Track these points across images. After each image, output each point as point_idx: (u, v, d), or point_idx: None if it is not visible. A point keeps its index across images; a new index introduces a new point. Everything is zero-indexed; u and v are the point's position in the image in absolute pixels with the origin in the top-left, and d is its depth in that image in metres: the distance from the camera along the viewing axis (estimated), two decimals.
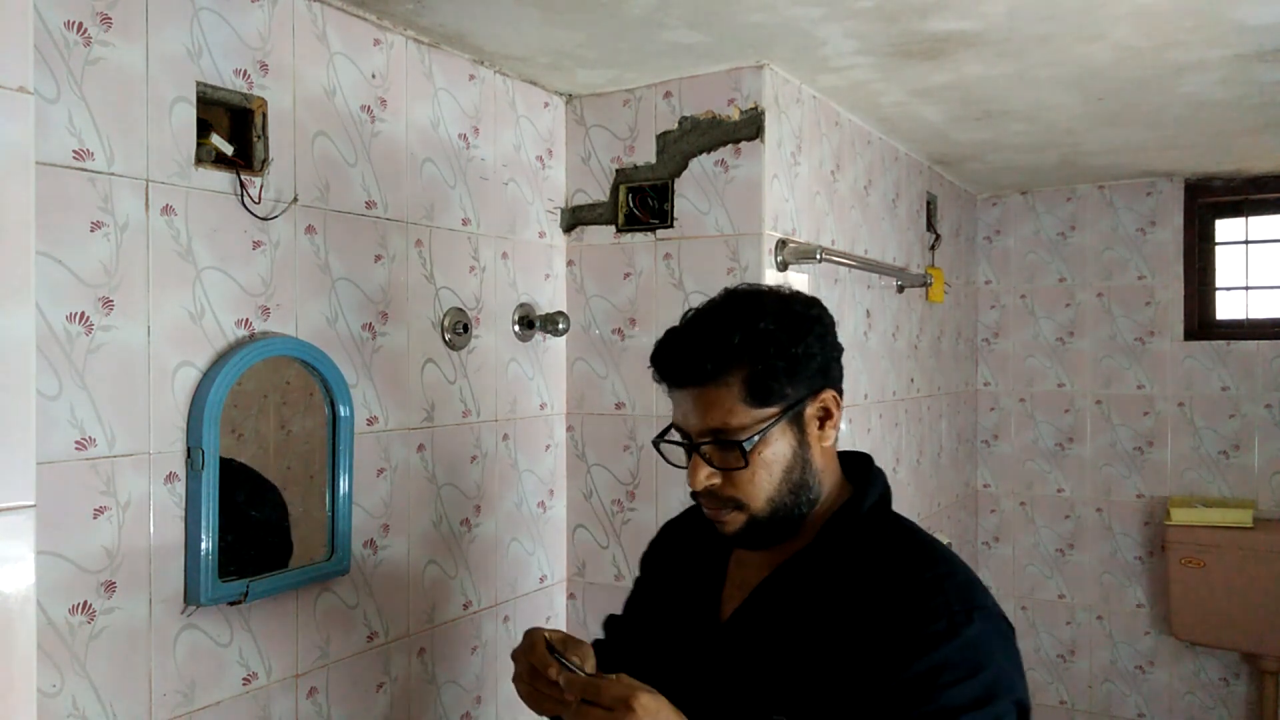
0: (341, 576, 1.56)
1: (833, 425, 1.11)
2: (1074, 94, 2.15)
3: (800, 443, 1.09)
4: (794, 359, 1.07)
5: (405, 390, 1.71)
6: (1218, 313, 3.26)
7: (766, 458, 1.07)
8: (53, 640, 1.18)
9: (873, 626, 1.00)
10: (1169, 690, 3.27)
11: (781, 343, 1.07)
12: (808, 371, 1.08)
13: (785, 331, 1.08)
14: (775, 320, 1.09)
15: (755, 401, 1.06)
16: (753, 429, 1.06)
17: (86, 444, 1.21)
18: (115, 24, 1.25)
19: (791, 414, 1.08)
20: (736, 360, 1.06)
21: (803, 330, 1.09)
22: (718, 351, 1.07)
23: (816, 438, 1.11)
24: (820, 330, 1.11)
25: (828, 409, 1.11)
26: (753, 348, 1.07)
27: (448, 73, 1.81)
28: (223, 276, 1.39)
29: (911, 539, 1.11)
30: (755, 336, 1.07)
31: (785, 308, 1.11)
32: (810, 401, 1.10)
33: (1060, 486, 3.44)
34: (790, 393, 1.08)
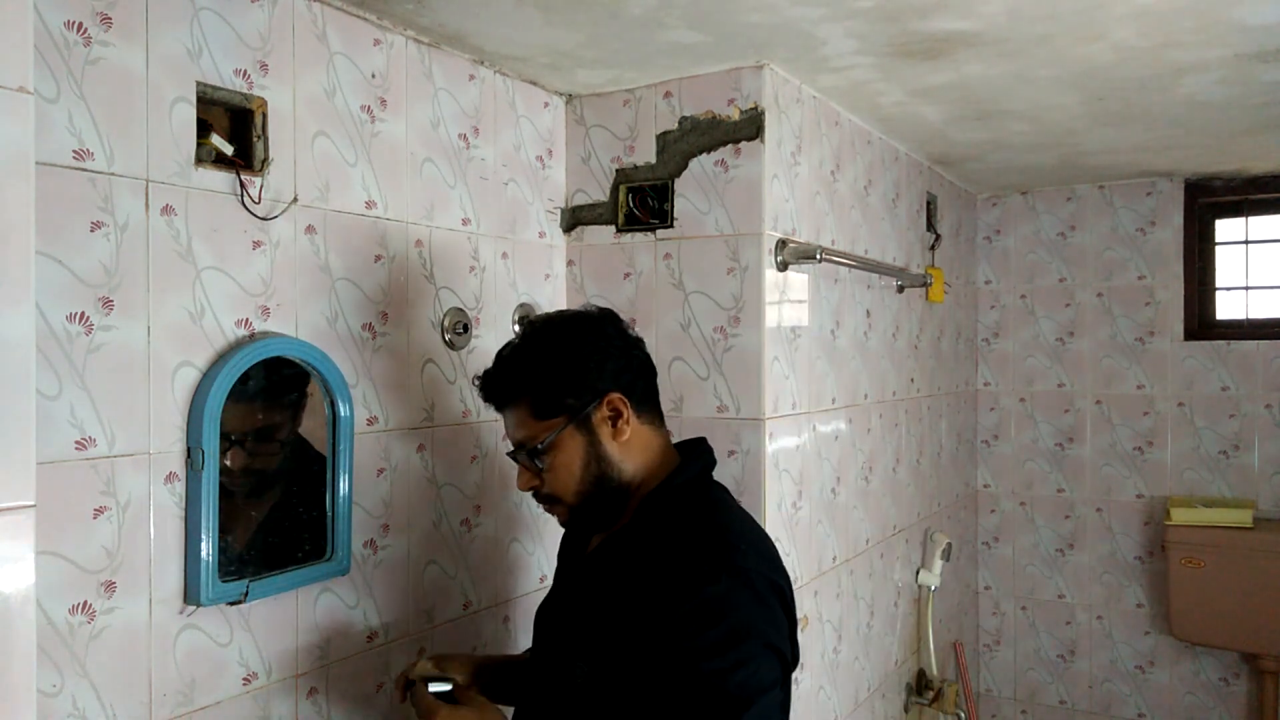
0: (341, 576, 1.56)
1: (625, 422, 1.30)
2: (1074, 94, 2.15)
3: (591, 442, 1.30)
4: (565, 375, 1.29)
5: (405, 390, 1.71)
6: (1218, 313, 3.26)
7: (560, 460, 1.30)
8: (53, 640, 1.18)
9: (648, 589, 1.18)
10: (1169, 690, 3.27)
11: (552, 363, 1.30)
12: (583, 383, 1.29)
13: (556, 351, 1.30)
14: (548, 342, 1.32)
15: (540, 416, 1.29)
16: (541, 438, 1.29)
17: (86, 444, 1.21)
18: (115, 24, 1.25)
19: (576, 421, 1.29)
20: (517, 388, 1.31)
21: (574, 347, 1.31)
22: (503, 383, 1.33)
23: (609, 435, 1.30)
24: (595, 342, 1.31)
25: (616, 409, 1.30)
26: (527, 375, 1.31)
27: (448, 73, 1.81)
28: (223, 276, 1.39)
29: (702, 511, 1.28)
30: (531, 362, 1.31)
31: (559, 329, 1.34)
32: (595, 407, 1.29)
33: (1060, 486, 3.44)
34: (571, 403, 1.29)
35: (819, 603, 2.18)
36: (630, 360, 1.34)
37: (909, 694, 2.79)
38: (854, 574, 2.39)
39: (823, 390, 2.19)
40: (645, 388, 1.36)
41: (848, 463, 2.34)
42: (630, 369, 1.33)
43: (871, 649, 2.52)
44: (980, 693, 3.59)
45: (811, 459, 2.12)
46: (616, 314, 1.40)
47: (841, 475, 2.30)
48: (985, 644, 3.60)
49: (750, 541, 1.25)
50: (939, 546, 2.90)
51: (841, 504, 2.30)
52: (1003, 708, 3.56)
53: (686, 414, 1.98)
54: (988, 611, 3.59)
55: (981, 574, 3.60)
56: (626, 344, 1.35)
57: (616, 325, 1.37)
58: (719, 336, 1.94)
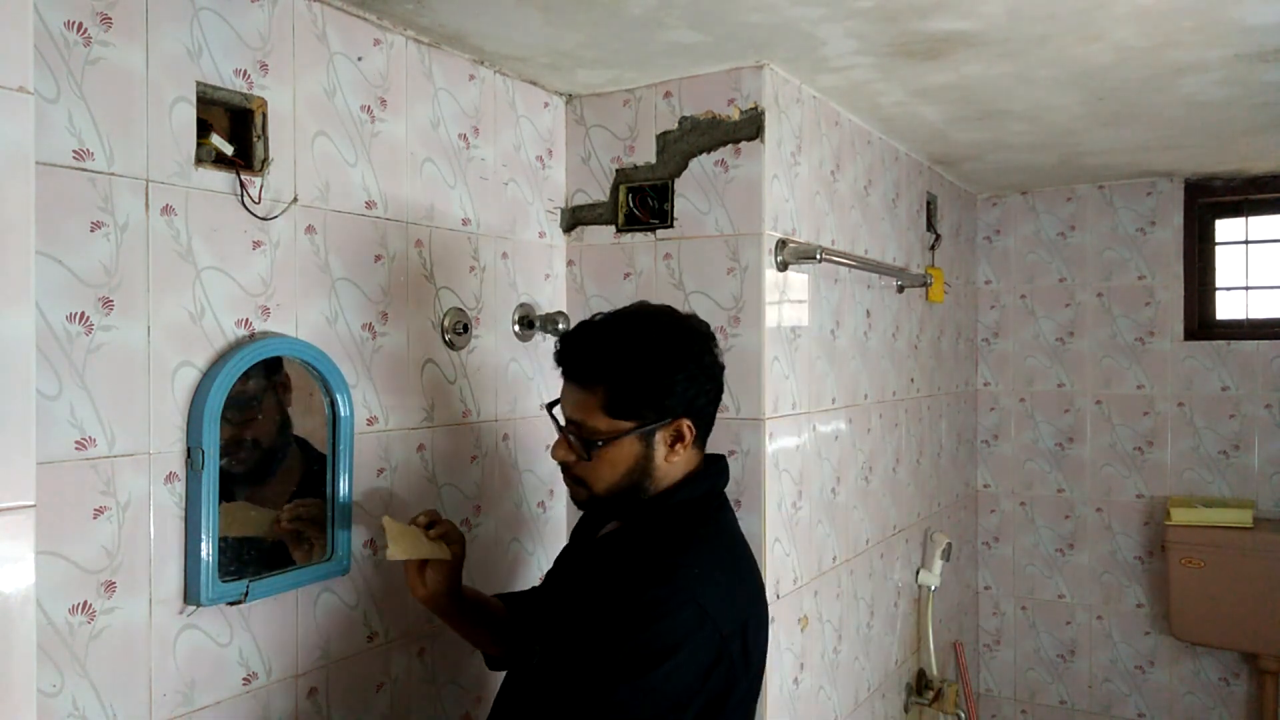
0: (341, 576, 1.56)
1: (683, 447, 1.28)
2: (1074, 94, 2.15)
3: (644, 455, 1.27)
4: (653, 389, 1.24)
5: (405, 390, 1.71)
6: (1218, 313, 3.26)
7: (610, 458, 1.27)
8: (53, 640, 1.18)
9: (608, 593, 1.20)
10: (1169, 690, 3.27)
11: (646, 372, 1.24)
12: (665, 402, 1.25)
13: (655, 362, 1.24)
14: (651, 348, 1.25)
15: (612, 413, 1.24)
16: (603, 435, 1.25)
17: (86, 444, 1.21)
18: (115, 24, 1.25)
19: (641, 432, 1.25)
20: (603, 375, 1.25)
21: (673, 364, 1.25)
22: (592, 362, 1.26)
23: (663, 454, 1.28)
24: (693, 368, 1.26)
25: (680, 434, 1.28)
26: (619, 369, 1.24)
27: (448, 73, 1.81)
28: (223, 276, 1.39)
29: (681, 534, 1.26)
30: (626, 359, 1.24)
31: (667, 337, 1.27)
32: (663, 427, 1.26)
33: (1060, 486, 3.44)
34: (646, 414, 1.25)
35: (819, 603, 2.18)
36: (714, 389, 1.33)
37: (909, 694, 2.79)
38: (854, 574, 2.39)
39: (823, 390, 2.19)
40: (712, 416, 1.35)
41: (848, 463, 2.34)
42: (710, 399, 1.32)
43: (871, 649, 2.52)
44: (980, 693, 3.59)
45: (811, 459, 2.12)
46: (710, 330, 1.37)
47: (841, 475, 2.30)
48: (985, 644, 3.60)
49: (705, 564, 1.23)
50: (939, 546, 2.90)
51: (841, 504, 2.30)
52: (1003, 708, 3.56)
53: None
54: (988, 611, 3.59)
55: (981, 574, 3.60)
56: (717, 369, 1.33)
57: (714, 350, 1.34)
58: (719, 336, 1.94)
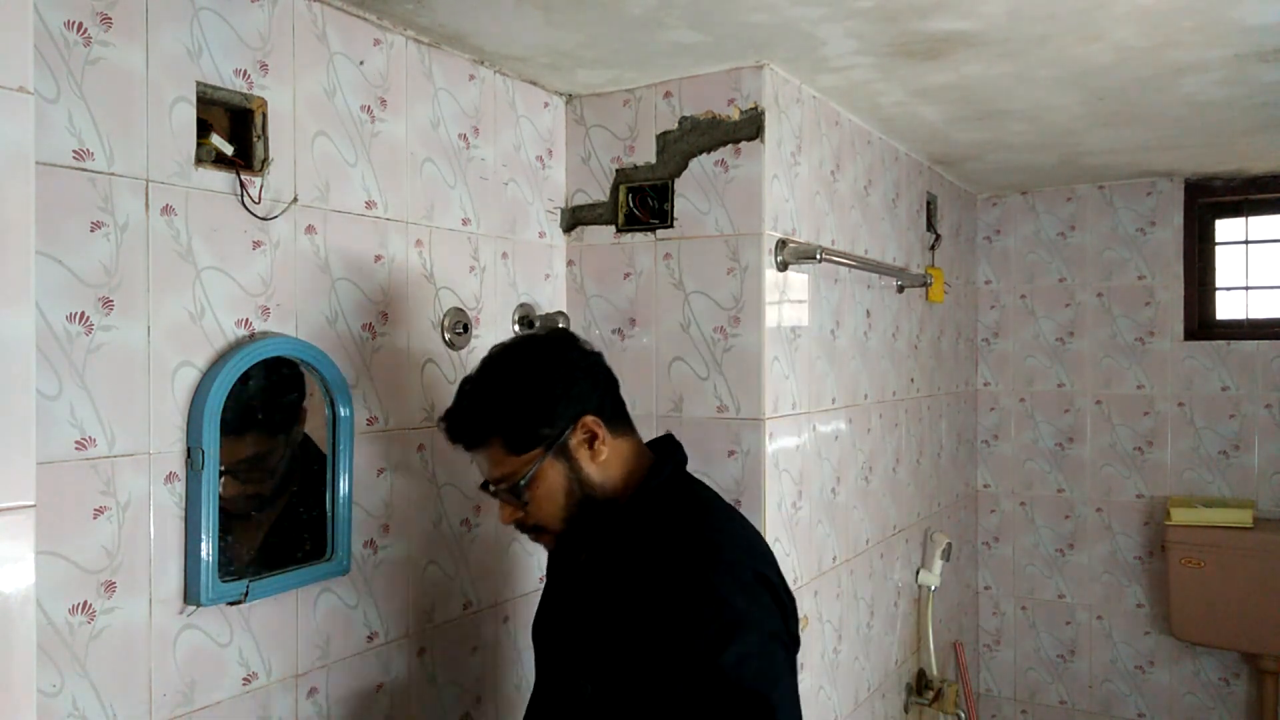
0: (341, 576, 1.56)
1: (601, 443, 1.28)
2: (1074, 94, 2.15)
3: (572, 468, 1.27)
4: (533, 411, 1.26)
5: (405, 390, 1.71)
6: (1218, 313, 3.26)
7: (543, 491, 1.27)
8: (53, 640, 1.18)
9: (639, 600, 1.18)
10: (1169, 690, 3.27)
11: (518, 399, 1.26)
12: (552, 414, 1.26)
13: (521, 387, 1.27)
14: (511, 379, 1.28)
15: (516, 451, 1.26)
16: (521, 474, 1.26)
17: (86, 444, 1.21)
18: (115, 24, 1.25)
19: (554, 450, 1.26)
20: (488, 427, 1.27)
21: (537, 380, 1.27)
22: (472, 424, 1.29)
23: (588, 458, 1.28)
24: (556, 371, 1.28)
25: (591, 431, 1.27)
26: (495, 412, 1.27)
27: (448, 73, 1.81)
28: (223, 276, 1.39)
29: (680, 511, 1.28)
30: (496, 401, 1.27)
31: (520, 363, 1.30)
32: (571, 433, 1.27)
33: (1060, 486, 3.44)
34: (545, 433, 1.26)
35: (819, 603, 2.18)
36: (595, 378, 1.32)
37: (909, 694, 2.79)
38: (854, 574, 2.39)
39: (823, 390, 2.19)
40: (614, 402, 1.34)
41: (848, 463, 2.34)
42: (597, 387, 1.31)
43: (871, 649, 2.52)
44: (980, 693, 3.59)
45: (811, 459, 2.12)
46: (571, 332, 1.39)
47: (841, 475, 2.30)
48: (985, 644, 3.60)
49: (730, 535, 1.26)
50: (939, 546, 2.90)
51: (841, 504, 2.30)
52: (1003, 708, 3.56)
53: (686, 414, 1.98)
54: (988, 611, 3.59)
55: (981, 574, 3.60)
56: (589, 362, 1.33)
57: (575, 345, 1.34)
58: (719, 336, 1.94)
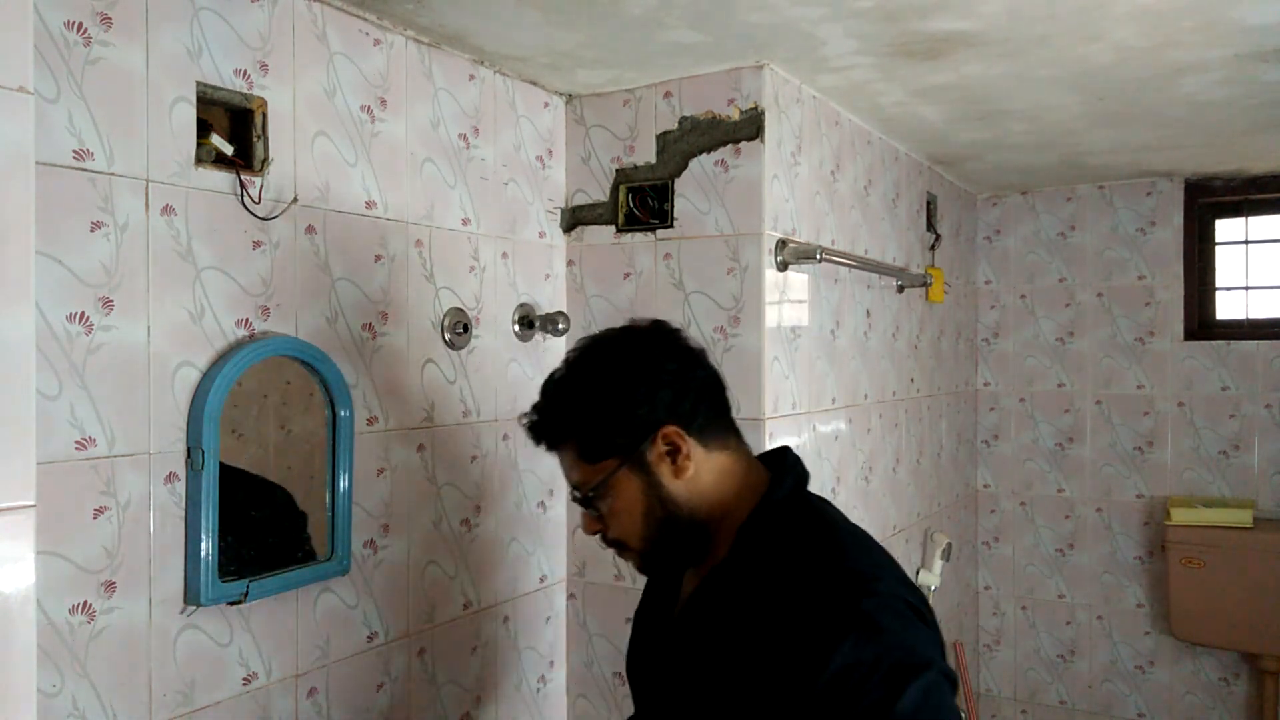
0: (341, 576, 1.56)
1: (685, 457, 1.14)
2: (1074, 94, 2.15)
3: (650, 484, 1.14)
4: (611, 417, 1.14)
5: (405, 390, 1.71)
6: (1218, 313, 3.26)
7: (619, 505, 1.15)
8: (53, 640, 1.18)
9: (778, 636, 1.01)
10: (1169, 690, 3.27)
11: (594, 403, 1.15)
12: (632, 421, 1.14)
13: (598, 390, 1.16)
14: (590, 380, 1.17)
15: (590, 460, 1.16)
16: (595, 484, 1.15)
17: (86, 444, 1.21)
18: (115, 24, 1.25)
19: (630, 462, 1.14)
20: (562, 433, 1.18)
21: (615, 383, 1.15)
22: (547, 424, 1.19)
23: (670, 474, 1.14)
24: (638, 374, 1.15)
25: (674, 444, 1.14)
26: (570, 415, 1.17)
27: (448, 73, 1.81)
28: (223, 276, 1.39)
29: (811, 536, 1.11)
30: (572, 402, 1.17)
31: (602, 362, 1.18)
32: (649, 446, 1.14)
33: (1060, 486, 3.44)
34: (621, 443, 1.14)
35: None
36: (686, 383, 1.17)
37: None
38: None
39: (823, 390, 2.19)
40: (710, 410, 1.19)
41: (848, 463, 2.34)
42: (687, 393, 1.16)
43: None
44: (980, 693, 3.59)
45: (811, 459, 2.12)
46: (670, 327, 1.23)
47: (841, 475, 2.30)
48: (985, 644, 3.60)
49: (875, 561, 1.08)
50: (939, 546, 2.90)
51: (841, 504, 2.30)
52: (1003, 708, 3.56)
53: None
54: (988, 611, 3.59)
55: (981, 574, 3.59)
56: (682, 363, 1.18)
57: (669, 342, 1.20)
58: (719, 336, 1.94)
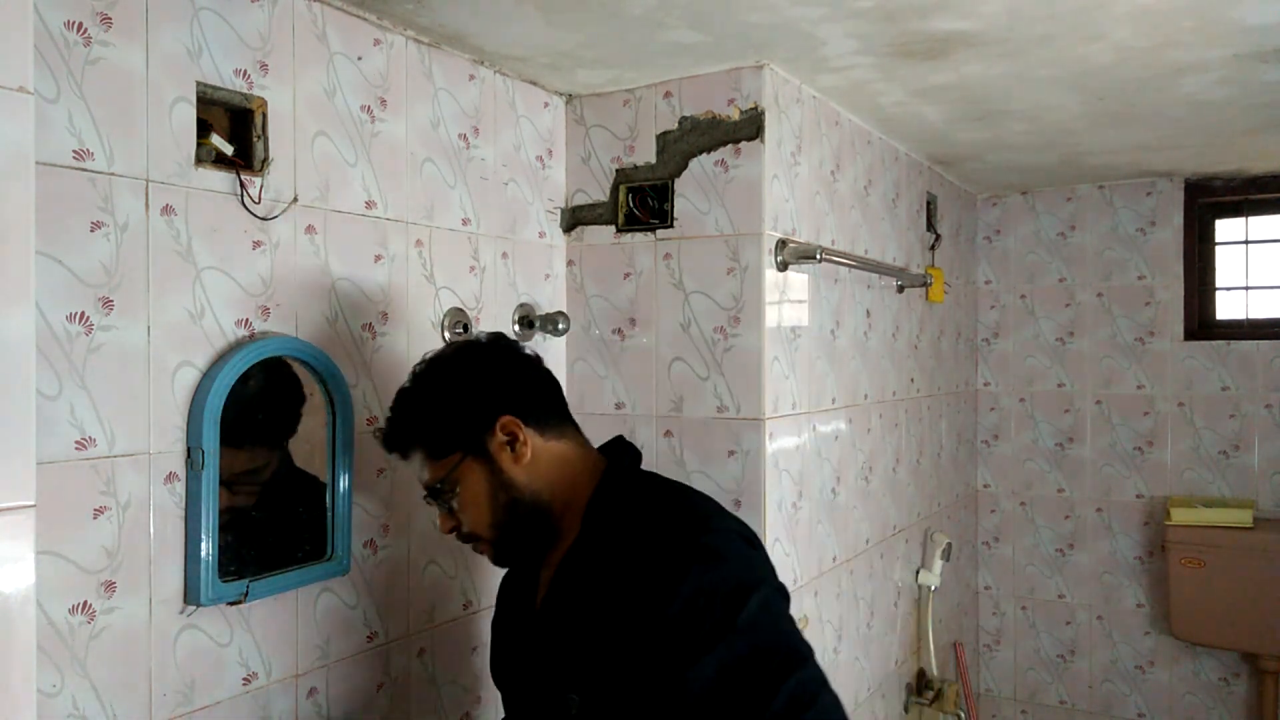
0: (341, 576, 1.56)
1: (523, 444, 1.25)
2: (1074, 94, 2.15)
3: (493, 471, 1.25)
4: (448, 413, 1.26)
5: None
6: (1218, 313, 3.26)
7: (467, 496, 1.26)
8: (53, 640, 1.18)
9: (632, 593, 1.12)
10: (1169, 690, 3.27)
11: (434, 405, 1.27)
12: (471, 415, 1.25)
13: (437, 393, 1.27)
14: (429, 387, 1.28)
15: (436, 456, 1.26)
16: (443, 479, 1.26)
17: (86, 444, 1.21)
18: (115, 24, 1.25)
19: (472, 453, 1.25)
20: (409, 435, 1.29)
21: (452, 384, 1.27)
22: (396, 433, 1.30)
23: (510, 460, 1.25)
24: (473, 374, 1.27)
25: (512, 433, 1.25)
26: (415, 419, 1.28)
27: (448, 73, 1.81)
28: (223, 276, 1.39)
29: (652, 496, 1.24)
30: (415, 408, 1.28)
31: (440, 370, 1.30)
32: (489, 436, 1.25)
33: (1060, 486, 3.44)
34: (462, 436, 1.25)
35: (819, 603, 2.18)
36: (520, 379, 1.29)
37: (909, 694, 2.79)
38: (854, 574, 2.39)
39: (823, 390, 2.19)
40: (546, 403, 1.30)
41: (848, 463, 2.34)
42: (521, 388, 1.28)
43: (871, 649, 2.52)
44: (980, 693, 3.59)
45: (811, 459, 2.12)
46: (503, 336, 1.36)
47: (841, 475, 2.30)
48: (985, 644, 3.60)
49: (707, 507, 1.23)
50: (939, 546, 2.90)
51: (841, 504, 2.30)
52: (1003, 708, 3.56)
53: (686, 414, 1.98)
54: (988, 611, 3.59)
55: (981, 574, 3.60)
56: (515, 364, 1.30)
57: (502, 348, 1.32)
58: (719, 336, 1.94)
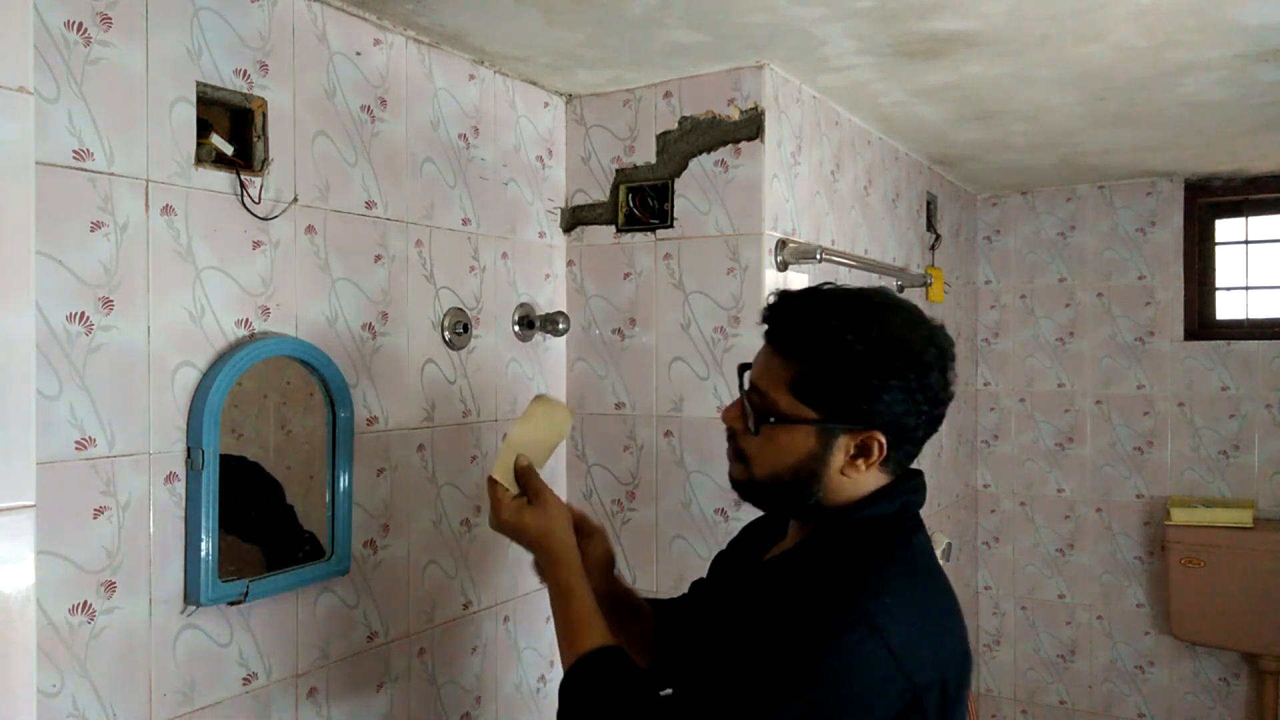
0: (341, 576, 1.56)
1: (866, 464, 1.08)
2: (1074, 94, 2.15)
3: (817, 456, 1.07)
4: (854, 386, 1.03)
5: (405, 390, 1.71)
6: (1218, 313, 3.26)
7: (779, 442, 1.08)
8: (53, 640, 1.18)
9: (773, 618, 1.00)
10: (1169, 690, 3.27)
11: (854, 365, 1.03)
12: (863, 405, 1.04)
13: (869, 357, 1.03)
14: (871, 342, 1.04)
15: (797, 393, 1.06)
16: (780, 413, 1.07)
17: (86, 444, 1.21)
18: (115, 24, 1.25)
19: (821, 429, 1.06)
20: (804, 350, 1.06)
21: (889, 367, 1.04)
22: (798, 330, 1.07)
23: (840, 464, 1.07)
24: (913, 380, 1.05)
25: (867, 449, 1.07)
26: (825, 349, 1.04)
27: (448, 73, 1.81)
28: (223, 276, 1.39)
29: (868, 556, 1.06)
30: (836, 342, 1.04)
31: (895, 336, 1.05)
32: (849, 434, 1.06)
33: (1060, 486, 3.44)
34: (834, 410, 1.05)
35: None
36: (930, 413, 1.10)
37: None
38: None
39: None
40: (919, 441, 1.14)
41: None
42: (921, 421, 1.09)
43: None
44: (980, 693, 3.59)
45: None
46: (950, 342, 1.12)
47: None
48: (985, 644, 3.60)
49: (904, 598, 1.01)
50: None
51: None
52: (1003, 708, 3.56)
53: (686, 414, 1.98)
54: (988, 611, 3.59)
55: (981, 574, 3.59)
56: (938, 394, 1.09)
57: (945, 372, 1.10)
58: (719, 336, 1.94)
